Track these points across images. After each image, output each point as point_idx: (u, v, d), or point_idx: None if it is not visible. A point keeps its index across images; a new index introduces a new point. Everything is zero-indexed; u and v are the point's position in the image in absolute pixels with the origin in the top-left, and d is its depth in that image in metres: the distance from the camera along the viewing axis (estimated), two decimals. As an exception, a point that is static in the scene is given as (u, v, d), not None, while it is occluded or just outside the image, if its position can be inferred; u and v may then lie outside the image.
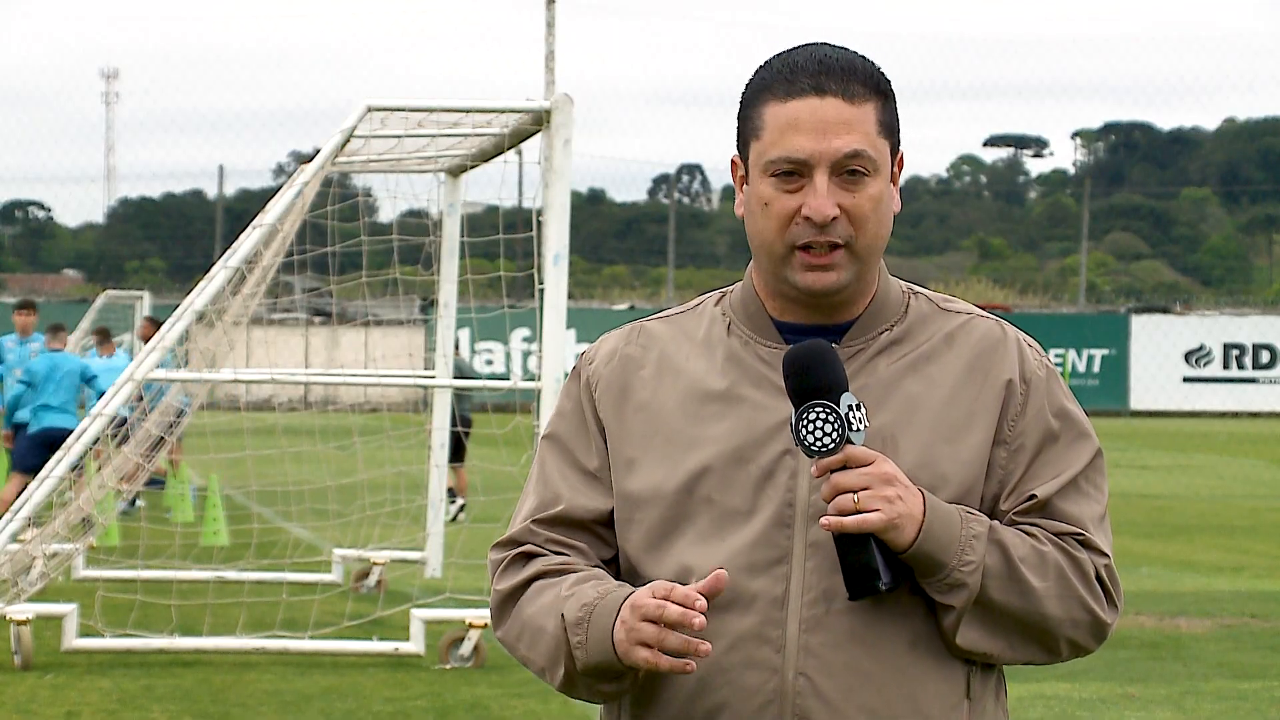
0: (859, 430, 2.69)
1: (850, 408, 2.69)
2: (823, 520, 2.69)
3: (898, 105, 2.84)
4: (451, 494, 19.85)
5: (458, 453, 19.43)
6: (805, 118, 2.75)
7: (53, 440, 15.79)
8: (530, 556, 2.87)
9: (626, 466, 2.86)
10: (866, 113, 2.77)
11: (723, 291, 2.96)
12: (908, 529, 2.70)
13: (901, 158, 2.86)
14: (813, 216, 2.74)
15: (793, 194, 2.76)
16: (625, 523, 2.87)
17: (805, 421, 2.69)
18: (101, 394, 16.92)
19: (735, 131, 2.86)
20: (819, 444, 2.68)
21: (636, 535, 2.85)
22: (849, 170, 2.75)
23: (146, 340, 18.59)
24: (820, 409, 2.69)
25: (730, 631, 2.77)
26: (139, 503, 18.42)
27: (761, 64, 2.84)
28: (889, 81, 2.83)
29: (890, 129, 2.81)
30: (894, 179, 2.84)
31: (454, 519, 19.01)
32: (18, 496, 12.33)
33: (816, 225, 2.75)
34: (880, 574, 2.69)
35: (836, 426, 2.68)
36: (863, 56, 2.82)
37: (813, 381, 2.71)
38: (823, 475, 2.70)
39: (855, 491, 2.68)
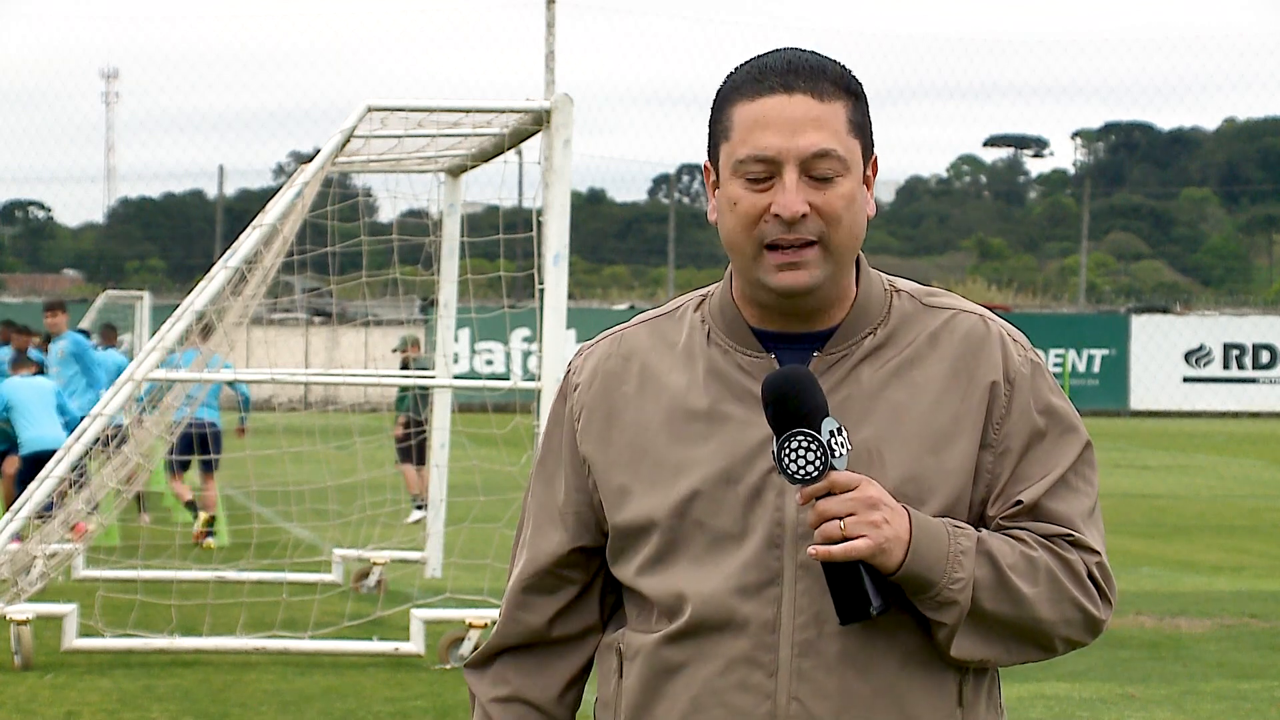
0: (841, 455, 2.66)
1: (831, 433, 2.66)
2: (810, 550, 2.67)
3: (870, 111, 2.81)
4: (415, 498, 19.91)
5: (410, 453, 19.47)
6: (773, 115, 2.72)
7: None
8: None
9: (619, 495, 2.84)
10: (836, 111, 2.74)
11: (702, 295, 2.93)
12: (895, 551, 2.67)
13: (875, 161, 2.82)
14: (781, 213, 2.71)
15: (762, 193, 2.73)
16: (619, 552, 2.87)
17: (787, 450, 2.66)
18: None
19: (706, 137, 2.84)
20: (802, 472, 2.66)
21: (634, 563, 2.85)
22: (818, 170, 2.72)
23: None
24: (802, 437, 2.65)
25: (723, 654, 2.77)
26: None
27: (732, 69, 2.82)
28: (860, 84, 2.79)
29: (861, 129, 2.77)
30: (868, 182, 2.80)
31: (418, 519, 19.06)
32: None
33: (785, 223, 2.72)
34: (871, 599, 2.68)
35: (819, 454, 2.65)
36: (833, 59, 2.79)
37: (792, 409, 2.67)
38: (808, 503, 2.68)
39: (841, 518, 2.65)
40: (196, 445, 16.95)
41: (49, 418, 16.58)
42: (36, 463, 15.28)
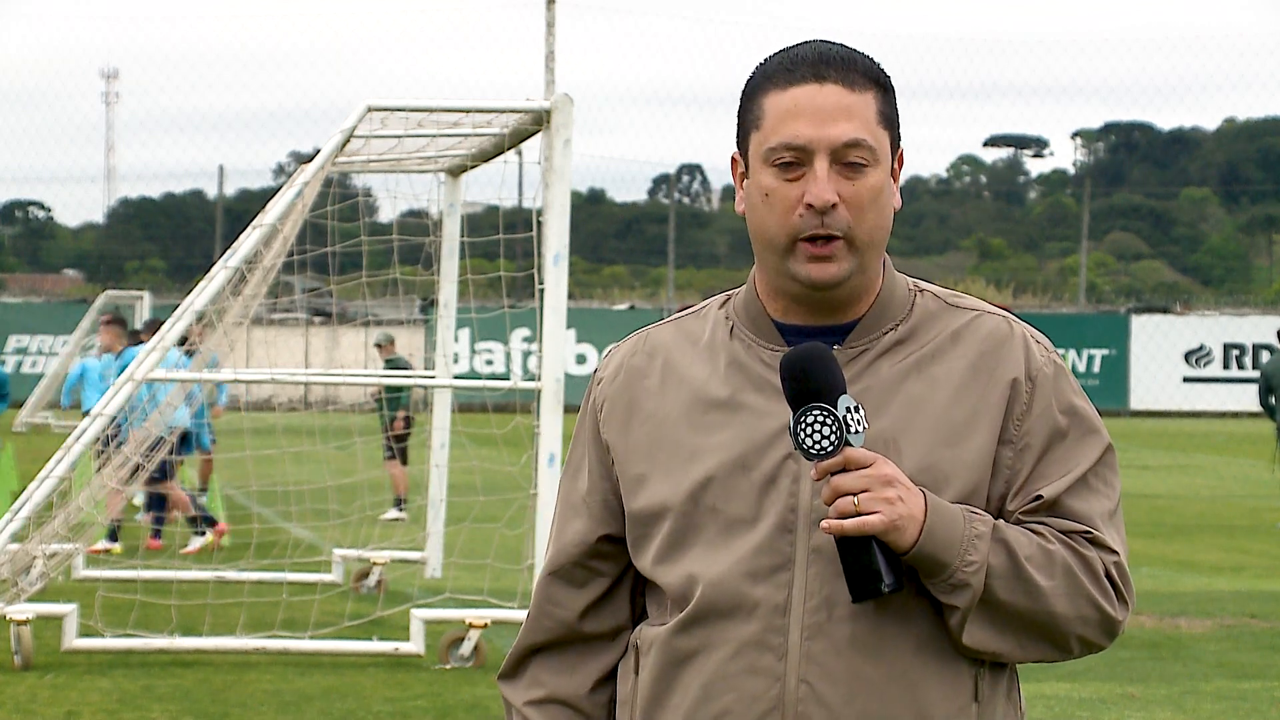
0: (858, 432, 2.68)
1: (848, 409, 2.67)
2: (823, 523, 2.68)
3: (898, 103, 2.83)
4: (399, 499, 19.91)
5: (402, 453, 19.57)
6: (805, 104, 2.74)
7: None
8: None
9: (636, 483, 2.86)
10: (866, 101, 2.76)
11: (728, 294, 2.95)
12: (909, 530, 2.68)
13: (901, 154, 2.84)
14: (813, 202, 2.72)
15: (793, 183, 2.74)
16: (639, 540, 2.88)
17: (803, 425, 2.67)
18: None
19: (735, 127, 2.85)
20: (817, 447, 2.67)
21: (651, 550, 2.86)
22: (849, 160, 2.74)
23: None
24: (818, 412, 2.67)
25: (733, 638, 2.77)
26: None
27: (762, 60, 2.84)
28: (889, 77, 2.82)
29: (890, 121, 2.79)
30: (894, 175, 2.82)
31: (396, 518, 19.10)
32: None
33: (818, 215, 2.73)
34: (883, 576, 2.68)
35: (835, 429, 2.66)
36: (862, 52, 2.82)
37: (810, 385, 2.69)
38: (822, 478, 2.69)
39: (855, 494, 2.66)
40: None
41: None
42: None
